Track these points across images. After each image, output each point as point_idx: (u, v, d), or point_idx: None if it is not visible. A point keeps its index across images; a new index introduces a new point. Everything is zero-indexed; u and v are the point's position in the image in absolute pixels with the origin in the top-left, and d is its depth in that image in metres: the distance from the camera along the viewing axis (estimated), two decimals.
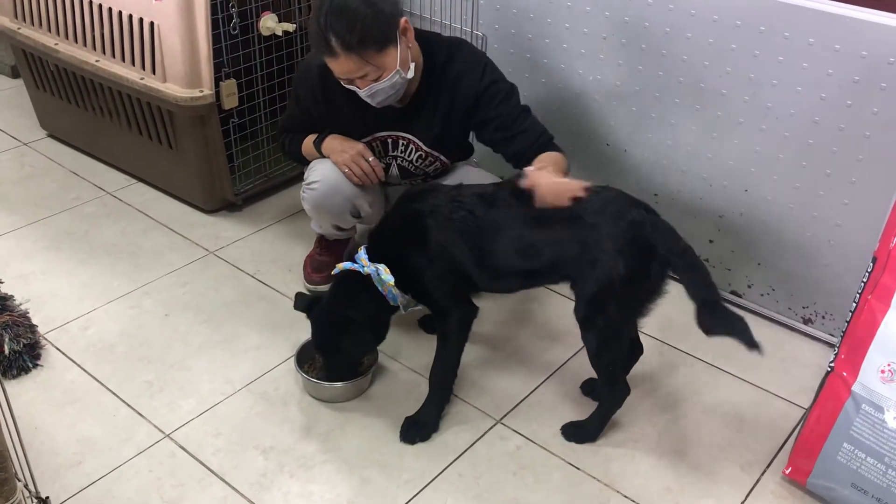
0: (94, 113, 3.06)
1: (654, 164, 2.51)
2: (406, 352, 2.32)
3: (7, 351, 2.19)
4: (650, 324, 2.40)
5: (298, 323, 2.24)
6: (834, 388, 1.83)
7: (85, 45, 2.85)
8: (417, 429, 2.07)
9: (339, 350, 2.08)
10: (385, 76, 2.06)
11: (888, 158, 2.07)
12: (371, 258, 2.02)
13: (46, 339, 2.34)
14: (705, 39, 2.24)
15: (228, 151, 2.83)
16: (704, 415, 2.16)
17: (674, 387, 2.25)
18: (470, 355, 2.06)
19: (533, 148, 2.16)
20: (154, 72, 2.68)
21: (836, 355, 1.84)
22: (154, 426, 2.08)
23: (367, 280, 2.01)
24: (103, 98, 2.96)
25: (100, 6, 2.72)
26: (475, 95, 2.20)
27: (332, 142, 2.30)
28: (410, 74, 2.12)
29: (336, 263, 2.19)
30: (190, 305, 2.50)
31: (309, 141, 2.35)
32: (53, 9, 2.88)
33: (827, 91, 2.10)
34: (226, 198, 2.92)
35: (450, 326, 2.05)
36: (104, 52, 2.81)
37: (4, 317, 2.28)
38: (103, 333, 2.37)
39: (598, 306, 1.88)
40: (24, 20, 3.01)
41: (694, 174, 2.44)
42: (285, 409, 2.14)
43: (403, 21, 2.05)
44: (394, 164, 2.39)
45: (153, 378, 2.22)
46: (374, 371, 2.23)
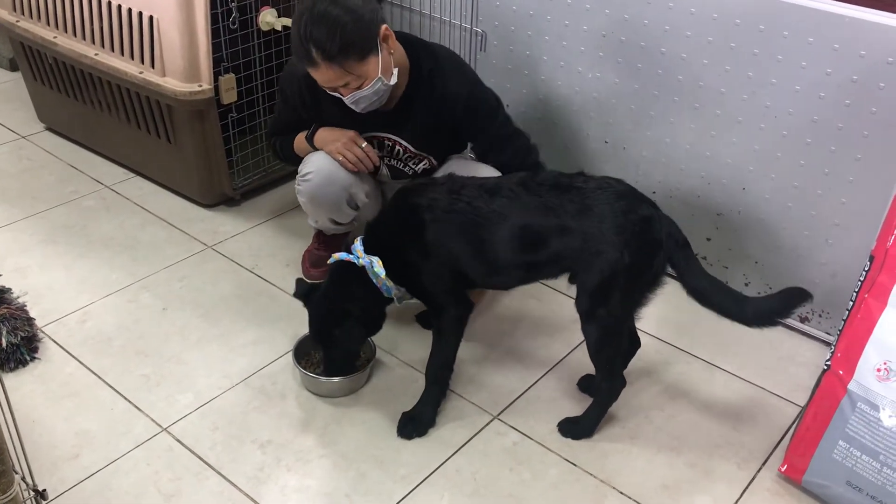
0: (93, 106, 3.05)
1: (653, 162, 2.52)
2: (403, 347, 2.32)
3: (4, 344, 2.19)
4: (648, 321, 2.41)
5: (296, 318, 2.25)
6: (830, 387, 1.83)
7: (84, 39, 2.85)
8: (414, 424, 2.07)
9: (333, 339, 2.08)
10: (367, 84, 2.06)
11: (886, 158, 2.08)
12: (367, 250, 2.02)
13: (44, 333, 2.34)
14: (705, 38, 2.25)
15: (227, 146, 2.83)
16: (701, 412, 2.17)
17: (671, 384, 2.25)
18: (467, 351, 2.06)
19: (513, 168, 2.18)
20: (153, 66, 2.68)
21: (833, 353, 1.85)
22: (151, 420, 2.08)
23: (362, 271, 2.02)
24: (102, 92, 2.95)
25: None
26: (462, 110, 2.21)
27: (324, 133, 2.30)
28: (393, 81, 2.12)
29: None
30: (188, 300, 2.50)
31: (301, 137, 2.36)
32: (52, 2, 2.87)
33: (826, 90, 2.10)
34: (224, 192, 2.91)
35: (445, 322, 2.05)
36: (103, 46, 2.80)
37: (2, 310, 2.28)
38: (101, 327, 2.37)
39: (602, 298, 1.89)
40: (23, 13, 3.01)
41: (692, 172, 2.45)
42: (283, 404, 2.14)
43: (384, 28, 2.05)
44: (383, 165, 2.40)
45: (150, 372, 2.23)
46: (372, 366, 2.23)
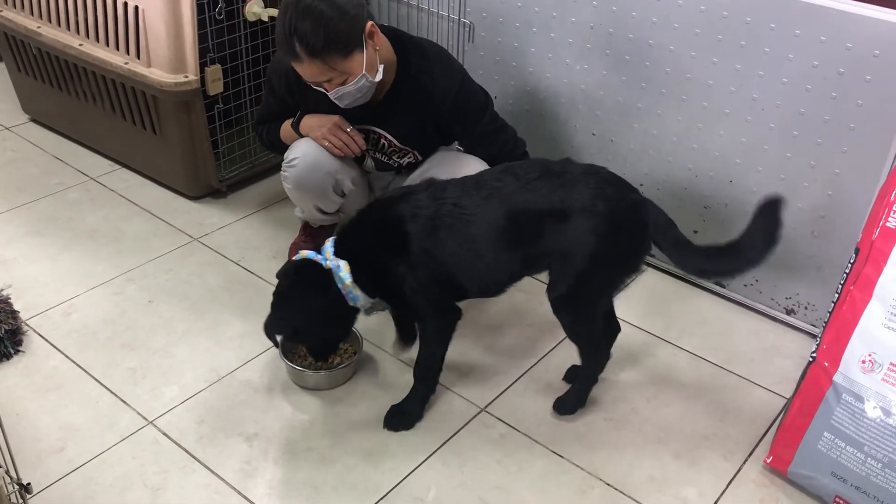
0: (78, 97, 3.03)
1: (640, 154, 2.52)
2: (391, 340, 2.31)
3: None
4: (634, 312, 2.42)
5: None
6: (815, 378, 1.84)
7: (68, 29, 2.83)
8: (401, 417, 2.07)
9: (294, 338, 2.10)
10: (351, 80, 2.05)
11: (872, 150, 2.09)
12: (337, 253, 1.95)
13: (28, 326, 2.32)
14: (692, 30, 2.25)
15: (213, 138, 2.82)
16: (687, 404, 2.18)
17: (657, 376, 2.26)
18: (454, 344, 2.06)
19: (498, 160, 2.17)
20: (138, 56, 2.66)
21: (818, 345, 1.86)
22: (137, 413, 2.07)
23: (328, 274, 1.95)
24: (87, 82, 2.93)
25: None
26: (448, 108, 2.20)
27: (309, 119, 2.30)
28: (378, 77, 2.11)
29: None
30: (174, 292, 2.48)
31: (287, 124, 2.35)
32: None
33: (812, 83, 2.11)
34: (210, 184, 2.90)
35: (432, 331, 2.03)
36: (88, 36, 2.78)
37: None
38: (86, 320, 2.36)
39: (583, 284, 1.89)
40: (6, 2, 2.98)
41: (679, 164, 2.45)
42: (269, 397, 2.14)
43: (370, 25, 2.03)
44: (368, 157, 2.39)
45: (136, 365, 2.21)
46: (358, 360, 2.22)
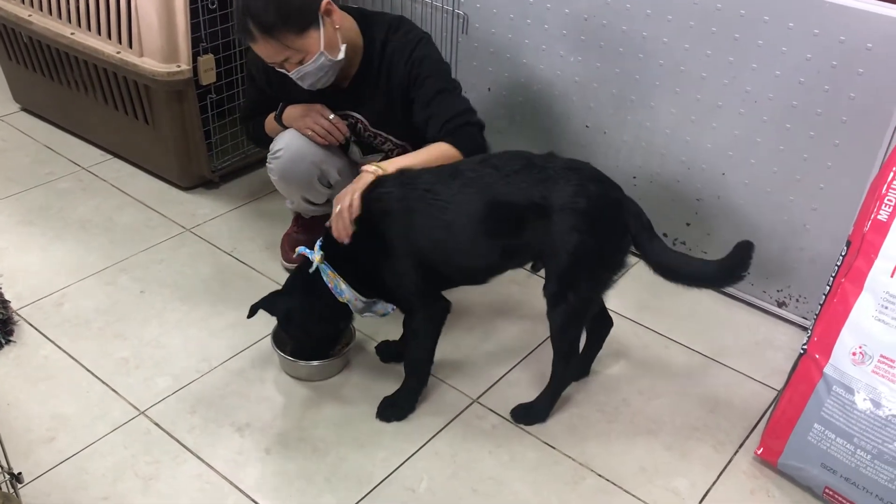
0: (69, 87, 3.01)
1: (634, 147, 2.52)
2: (384, 331, 2.31)
3: None
4: (625, 306, 2.43)
5: None
6: (806, 370, 1.85)
7: (60, 18, 2.81)
8: (394, 409, 2.07)
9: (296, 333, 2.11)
10: (308, 59, 2.04)
11: (864, 143, 2.09)
12: (324, 246, 1.97)
13: (20, 315, 2.31)
14: (686, 22, 2.25)
15: (206, 128, 2.81)
16: (678, 395, 2.18)
17: (648, 367, 2.26)
18: (446, 335, 2.06)
19: (440, 135, 2.07)
20: (130, 46, 2.65)
21: (809, 338, 1.87)
22: (129, 403, 2.07)
23: (316, 274, 1.97)
24: (79, 72, 2.92)
25: None
26: (406, 74, 2.17)
27: (291, 110, 2.29)
28: (339, 56, 2.09)
29: (314, 242, 2.17)
30: (166, 283, 2.48)
31: (271, 118, 2.35)
32: None
33: (805, 75, 2.11)
34: (203, 175, 2.89)
35: (418, 324, 2.02)
36: (80, 25, 2.76)
37: None
38: (78, 310, 2.35)
39: (571, 282, 1.88)
40: None
41: (672, 157, 2.45)
42: (262, 387, 2.14)
43: (325, 2, 2.02)
44: (352, 143, 2.39)
45: (128, 355, 2.21)
46: (351, 350, 2.22)
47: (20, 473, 1.66)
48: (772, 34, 2.12)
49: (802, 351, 1.88)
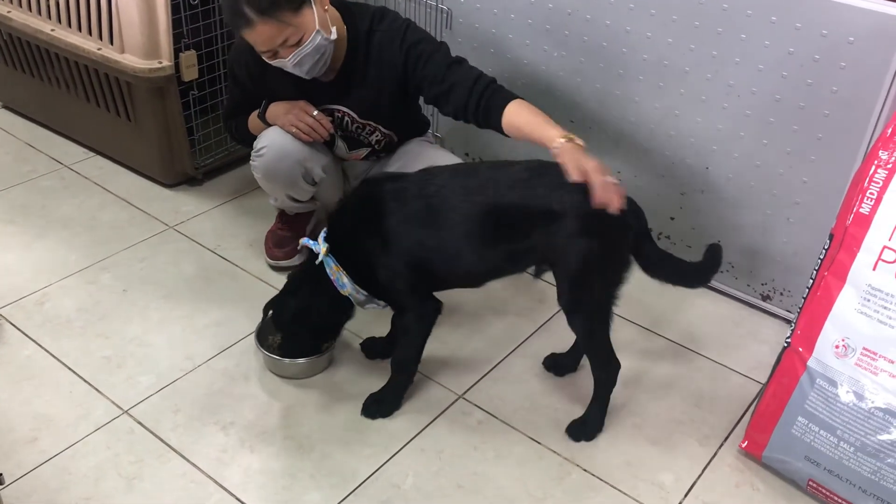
0: (50, 84, 2.99)
1: (618, 141, 2.52)
2: (370, 328, 2.30)
3: None
4: None
5: (259, 299, 2.22)
6: (790, 364, 1.86)
7: (39, 14, 2.78)
8: (379, 406, 2.06)
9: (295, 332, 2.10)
10: (306, 38, 2.02)
11: (846, 137, 2.10)
12: (328, 238, 1.97)
13: (1, 315, 2.29)
14: (669, 16, 2.24)
15: (188, 124, 2.79)
16: (663, 389, 2.19)
17: (633, 362, 2.26)
18: (433, 331, 2.05)
19: (473, 97, 2.09)
20: (112, 42, 2.63)
21: (793, 331, 1.87)
22: (112, 402, 2.05)
23: (321, 266, 1.97)
24: (59, 68, 2.89)
25: None
26: (401, 62, 2.17)
27: (275, 108, 2.28)
28: (333, 36, 2.09)
29: (298, 238, 2.17)
30: (149, 280, 2.46)
31: (254, 116, 2.33)
32: None
33: (788, 69, 2.11)
34: (186, 172, 2.87)
35: (409, 322, 2.02)
36: (60, 22, 2.74)
37: None
38: (60, 309, 2.33)
39: (583, 287, 1.87)
40: None
41: (657, 151, 2.45)
42: (246, 385, 2.13)
43: None
44: (338, 138, 2.38)
45: (111, 354, 2.19)
46: (336, 347, 2.22)
47: (2, 475, 1.65)
48: (755, 28, 2.12)
49: (786, 344, 1.88)
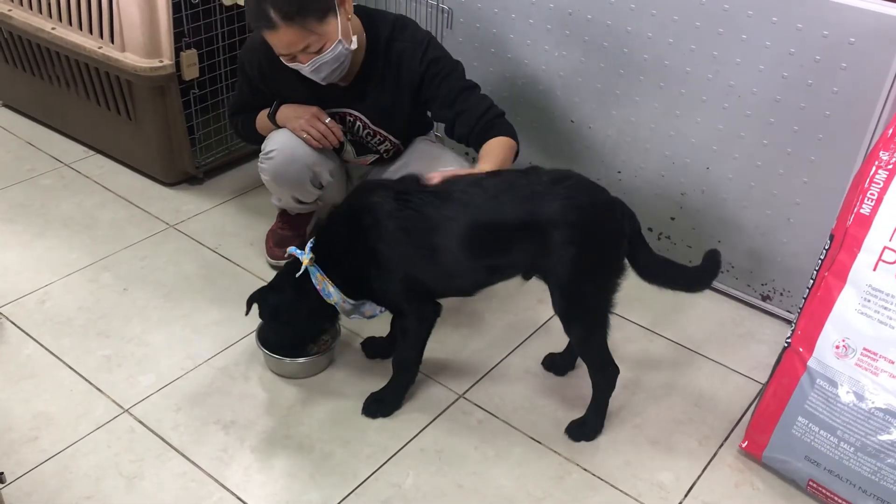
0: (51, 82, 2.99)
1: (618, 141, 2.52)
2: (370, 328, 2.30)
3: None
4: None
5: None
6: (790, 364, 1.86)
7: (40, 12, 2.78)
8: (380, 405, 2.06)
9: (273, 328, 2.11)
10: (328, 47, 2.02)
11: (847, 138, 2.10)
12: (315, 249, 1.95)
13: (2, 314, 2.29)
14: (670, 16, 2.25)
15: (189, 123, 2.79)
16: (663, 389, 2.19)
17: (633, 362, 2.27)
18: (433, 332, 2.05)
19: (476, 129, 2.14)
20: (112, 41, 2.62)
21: (793, 331, 1.87)
22: (112, 401, 2.05)
23: (304, 275, 1.96)
24: (60, 67, 2.89)
25: None
26: (419, 74, 2.18)
27: (286, 110, 2.27)
28: (354, 46, 2.09)
29: (299, 237, 2.17)
30: (149, 280, 2.46)
31: (263, 115, 2.32)
32: None
33: (789, 70, 2.12)
34: (186, 171, 2.87)
35: (408, 325, 2.01)
36: (60, 20, 2.74)
37: None
38: (60, 307, 2.33)
39: (576, 295, 1.87)
40: None
41: (657, 151, 2.46)
42: (246, 385, 2.13)
43: None
44: (347, 142, 2.37)
45: (112, 353, 2.19)
46: (336, 347, 2.22)
47: (2, 473, 1.65)
48: (756, 29, 2.12)
49: (786, 344, 1.89)
